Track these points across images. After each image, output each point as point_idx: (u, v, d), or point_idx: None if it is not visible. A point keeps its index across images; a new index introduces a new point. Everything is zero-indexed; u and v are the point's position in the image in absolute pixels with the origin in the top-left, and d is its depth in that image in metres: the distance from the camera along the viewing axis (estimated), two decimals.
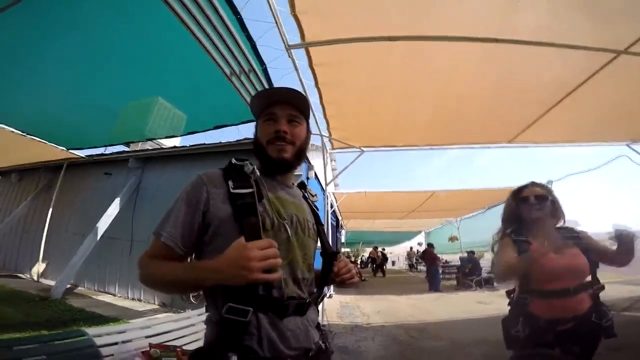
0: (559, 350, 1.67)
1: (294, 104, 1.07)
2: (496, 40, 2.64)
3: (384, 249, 23.67)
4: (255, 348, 0.85)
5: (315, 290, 1.06)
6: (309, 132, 1.15)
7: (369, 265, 21.57)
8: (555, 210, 1.82)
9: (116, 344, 1.84)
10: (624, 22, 2.49)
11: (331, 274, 1.07)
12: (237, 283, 0.80)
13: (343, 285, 1.09)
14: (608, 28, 2.55)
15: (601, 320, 1.60)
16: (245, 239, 0.83)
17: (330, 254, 1.12)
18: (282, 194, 1.06)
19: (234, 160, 1.02)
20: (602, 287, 1.67)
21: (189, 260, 0.97)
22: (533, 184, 1.91)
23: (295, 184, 1.20)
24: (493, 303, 7.43)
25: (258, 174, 1.00)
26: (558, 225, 1.82)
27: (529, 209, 1.81)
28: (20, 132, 5.13)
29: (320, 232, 1.13)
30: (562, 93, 3.48)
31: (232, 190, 0.94)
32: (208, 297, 0.93)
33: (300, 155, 1.09)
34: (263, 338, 0.86)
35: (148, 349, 1.85)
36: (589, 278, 1.67)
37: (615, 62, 2.89)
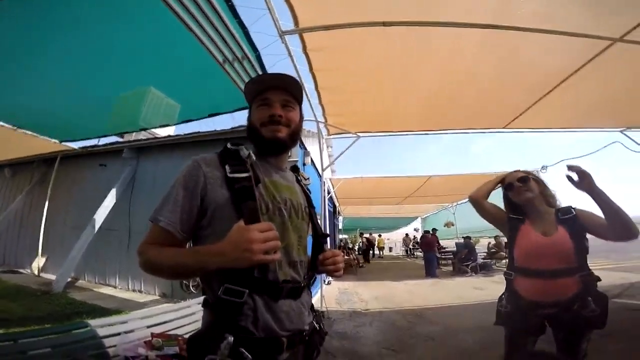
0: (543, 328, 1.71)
1: (287, 89, 1.08)
2: (493, 27, 2.61)
3: (379, 235, 23.96)
4: (250, 329, 0.87)
5: (308, 273, 1.08)
6: (302, 116, 1.16)
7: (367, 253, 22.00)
8: (544, 190, 1.84)
9: (119, 334, 1.86)
10: (620, 10, 2.48)
11: (317, 261, 1.10)
12: (239, 265, 0.82)
13: (327, 274, 1.12)
14: (604, 16, 2.53)
15: (583, 309, 1.54)
16: (244, 223, 0.85)
17: (320, 236, 1.15)
18: (276, 178, 1.07)
19: (229, 145, 1.03)
20: (591, 274, 1.60)
21: (187, 245, 0.97)
22: (515, 171, 1.93)
23: (288, 168, 1.21)
24: (488, 289, 7.54)
25: (254, 158, 1.02)
26: (556, 207, 1.81)
27: (515, 193, 1.84)
28: (10, 126, 5.05)
29: (311, 215, 1.15)
30: (557, 79, 3.48)
31: (229, 175, 0.95)
32: (205, 281, 0.95)
33: (294, 138, 1.10)
34: (258, 319, 0.88)
35: (150, 338, 1.88)
36: (575, 264, 1.61)
37: (610, 49, 2.88)
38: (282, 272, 0.96)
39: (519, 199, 1.83)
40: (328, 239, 1.17)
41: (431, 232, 12.94)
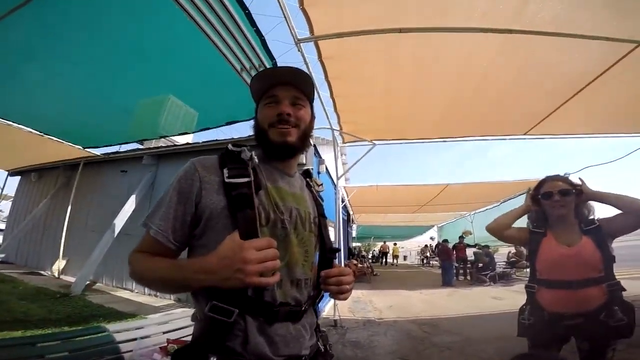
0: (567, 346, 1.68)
1: (297, 85, 0.98)
2: (510, 31, 2.56)
3: (395, 243, 23.81)
4: (239, 350, 0.78)
5: (313, 291, 0.98)
6: (313, 115, 1.06)
7: (379, 260, 22.71)
8: (582, 205, 1.77)
9: (135, 339, 1.88)
10: None
11: (320, 278, 0.96)
12: (229, 286, 0.72)
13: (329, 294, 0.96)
14: (627, 18, 2.45)
15: (609, 319, 1.52)
16: (239, 235, 0.76)
17: (328, 251, 1.04)
18: (281, 184, 0.97)
19: (230, 146, 0.94)
20: (618, 284, 1.58)
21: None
22: (557, 178, 1.83)
23: (299, 172, 1.11)
24: (508, 299, 7.33)
25: (257, 160, 0.93)
26: (585, 217, 1.76)
27: (551, 204, 1.76)
28: (37, 132, 5.25)
29: (321, 226, 1.04)
30: (580, 84, 3.36)
31: (226, 179, 0.85)
32: (195, 294, 0.86)
33: (305, 140, 1.00)
34: (249, 341, 0.79)
35: (166, 344, 1.89)
36: (602, 273, 1.58)
37: (635, 52, 2.77)
38: (282, 292, 0.86)
39: (552, 213, 1.76)
40: (341, 252, 1.05)
41: (458, 240, 12.82)
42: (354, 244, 21.68)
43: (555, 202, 1.73)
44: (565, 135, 4.96)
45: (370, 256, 23.58)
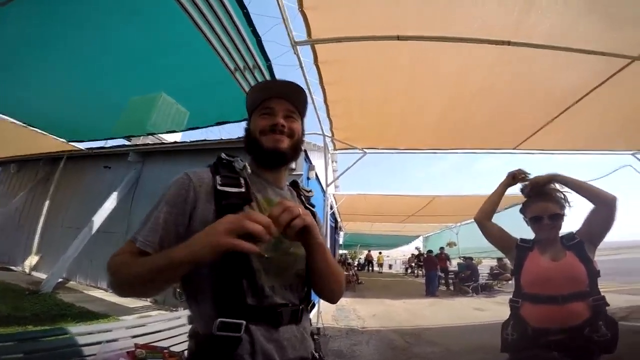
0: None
1: (291, 100, 1.01)
2: (509, 43, 2.57)
3: (380, 252, 23.97)
4: None
5: (304, 295, 0.96)
6: (303, 130, 1.08)
7: (366, 267, 23.64)
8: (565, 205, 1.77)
9: (100, 343, 1.76)
10: (638, 29, 2.43)
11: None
12: (207, 253, 0.67)
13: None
14: (621, 34, 2.50)
15: (593, 334, 1.50)
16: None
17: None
18: (272, 196, 0.97)
19: (223, 155, 0.95)
20: (602, 298, 1.57)
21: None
22: (546, 200, 1.76)
23: (287, 184, 1.11)
24: (490, 310, 7.41)
25: (249, 171, 0.94)
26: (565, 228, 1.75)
27: (542, 228, 1.73)
28: (21, 123, 5.08)
29: None
30: (571, 99, 3.42)
31: (218, 187, 0.85)
32: (194, 309, 0.85)
33: (296, 150, 1.01)
34: (257, 352, 0.78)
35: (133, 349, 1.78)
36: (587, 288, 1.57)
37: (628, 68, 2.83)
38: (279, 296, 0.86)
39: (543, 236, 1.74)
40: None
41: (439, 251, 12.88)
42: (340, 251, 21.72)
43: (546, 226, 1.72)
44: (554, 151, 5.05)
45: (356, 263, 23.72)
